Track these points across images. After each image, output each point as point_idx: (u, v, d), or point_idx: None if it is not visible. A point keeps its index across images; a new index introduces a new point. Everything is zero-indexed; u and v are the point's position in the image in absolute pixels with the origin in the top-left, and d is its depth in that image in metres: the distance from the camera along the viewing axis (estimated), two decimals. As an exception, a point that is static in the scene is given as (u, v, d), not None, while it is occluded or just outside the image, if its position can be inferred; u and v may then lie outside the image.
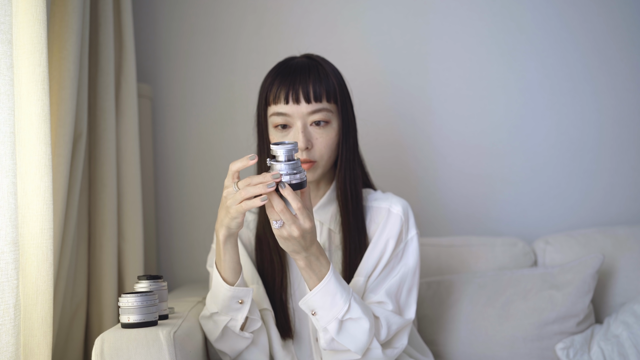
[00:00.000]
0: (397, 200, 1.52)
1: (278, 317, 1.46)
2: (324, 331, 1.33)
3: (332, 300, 1.31)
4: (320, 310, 1.32)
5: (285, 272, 1.47)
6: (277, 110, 1.43)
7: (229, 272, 1.34)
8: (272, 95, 1.44)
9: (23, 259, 1.28)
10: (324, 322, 1.32)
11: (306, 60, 1.47)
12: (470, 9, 2.19)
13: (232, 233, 1.31)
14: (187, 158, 2.18)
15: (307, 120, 1.42)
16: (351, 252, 1.47)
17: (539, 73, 2.19)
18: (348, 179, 1.48)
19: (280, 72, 1.45)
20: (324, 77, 1.44)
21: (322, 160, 1.44)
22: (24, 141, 1.30)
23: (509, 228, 2.18)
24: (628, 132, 2.19)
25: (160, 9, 2.18)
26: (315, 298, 1.31)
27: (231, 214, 1.26)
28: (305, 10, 2.19)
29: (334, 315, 1.31)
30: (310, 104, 1.41)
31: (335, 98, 1.45)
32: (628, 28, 2.18)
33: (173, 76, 2.19)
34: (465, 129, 2.19)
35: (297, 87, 1.41)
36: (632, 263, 1.87)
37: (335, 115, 1.45)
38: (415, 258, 1.49)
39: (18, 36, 1.29)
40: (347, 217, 1.47)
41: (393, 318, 1.40)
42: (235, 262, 1.34)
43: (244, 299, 1.35)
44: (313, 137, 1.43)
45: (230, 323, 1.37)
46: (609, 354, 1.60)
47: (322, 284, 1.31)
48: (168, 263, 2.18)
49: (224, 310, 1.36)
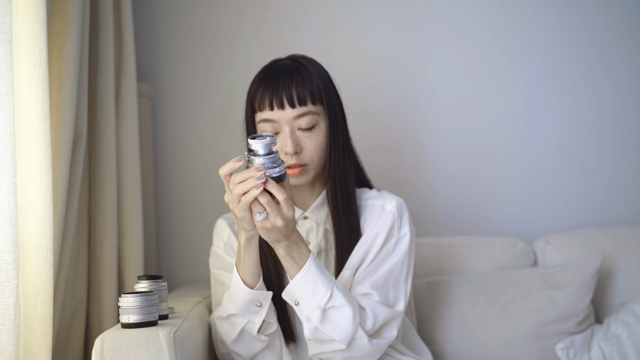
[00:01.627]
0: (392, 197, 1.52)
1: (280, 322, 1.46)
2: (307, 321, 1.33)
3: (314, 288, 1.31)
4: (303, 299, 1.32)
5: (281, 277, 1.47)
6: (263, 116, 1.43)
7: (249, 275, 1.34)
8: (257, 102, 1.44)
9: (23, 259, 1.28)
10: (307, 312, 1.32)
11: (289, 63, 1.46)
12: (470, 9, 2.19)
13: (250, 235, 1.31)
14: (187, 158, 2.18)
15: (294, 125, 1.42)
16: (343, 251, 1.46)
17: (540, 73, 2.19)
18: (338, 179, 1.47)
19: (265, 77, 1.45)
20: (307, 79, 1.43)
21: (313, 162, 1.44)
22: (24, 141, 1.30)
23: (509, 228, 2.18)
24: (629, 132, 2.19)
25: (160, 9, 2.18)
26: (296, 287, 1.31)
27: (238, 216, 1.26)
28: (305, 10, 2.19)
29: (317, 303, 1.31)
30: (295, 108, 1.41)
31: (321, 99, 1.44)
32: (629, 28, 2.18)
33: (173, 76, 2.19)
34: (465, 129, 2.19)
35: (281, 92, 1.41)
36: (632, 263, 1.87)
37: (322, 117, 1.45)
38: (405, 252, 1.47)
39: (18, 36, 1.29)
40: (339, 217, 1.47)
41: (380, 308, 1.39)
42: (255, 265, 1.34)
43: (262, 302, 1.36)
44: (301, 140, 1.43)
45: (248, 325, 1.37)
46: (609, 354, 1.60)
47: (303, 271, 1.30)
48: (168, 263, 2.18)
49: (242, 312, 1.36)
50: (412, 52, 2.19)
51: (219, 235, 1.56)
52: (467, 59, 2.20)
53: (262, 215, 1.23)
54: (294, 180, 1.44)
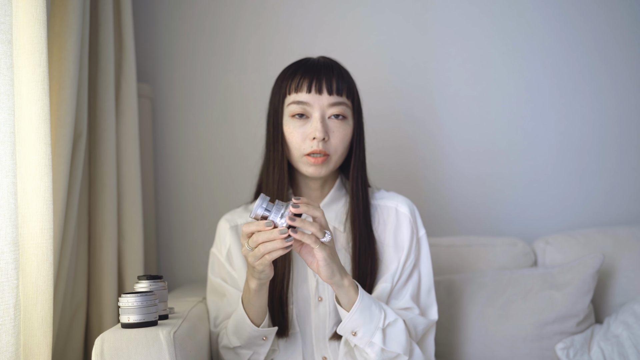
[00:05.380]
0: (403, 199, 1.54)
1: (276, 315, 1.46)
2: (370, 345, 1.34)
3: (370, 313, 1.33)
4: (362, 327, 1.33)
5: (290, 268, 1.47)
6: (297, 98, 1.44)
7: (256, 315, 1.38)
8: (294, 84, 1.45)
9: (23, 259, 1.28)
10: (368, 337, 1.34)
11: (326, 60, 1.50)
12: (472, 9, 2.19)
13: (263, 283, 1.33)
14: (187, 158, 2.18)
15: (326, 112, 1.44)
16: (360, 253, 1.47)
17: (541, 73, 2.19)
18: (360, 180, 1.49)
19: (302, 65, 1.48)
20: (345, 75, 1.48)
21: (336, 154, 1.46)
22: (24, 141, 1.30)
23: (509, 228, 2.18)
24: (630, 132, 2.19)
25: (160, 9, 2.18)
26: (354, 317, 1.32)
27: (257, 269, 1.27)
28: (307, 11, 2.19)
29: (376, 325, 1.33)
30: (332, 95, 1.43)
31: (353, 97, 1.48)
32: (630, 27, 2.19)
33: (173, 76, 2.19)
34: (466, 129, 2.19)
35: (322, 77, 1.44)
36: (632, 263, 1.87)
37: (351, 113, 1.47)
38: (428, 258, 1.52)
39: (18, 36, 1.29)
40: (358, 218, 1.48)
41: (418, 320, 1.43)
42: (264, 306, 1.37)
43: (267, 336, 1.40)
44: (330, 129, 1.44)
45: (253, 356, 1.42)
46: (609, 354, 1.60)
47: (359, 301, 1.32)
48: (168, 263, 2.18)
49: (248, 345, 1.40)
50: (414, 52, 2.19)
51: (221, 239, 1.56)
52: (468, 59, 2.20)
53: (327, 235, 1.24)
54: (314, 170, 1.45)
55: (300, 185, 1.54)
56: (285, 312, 1.46)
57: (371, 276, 1.46)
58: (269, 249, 1.21)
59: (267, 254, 1.22)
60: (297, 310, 1.48)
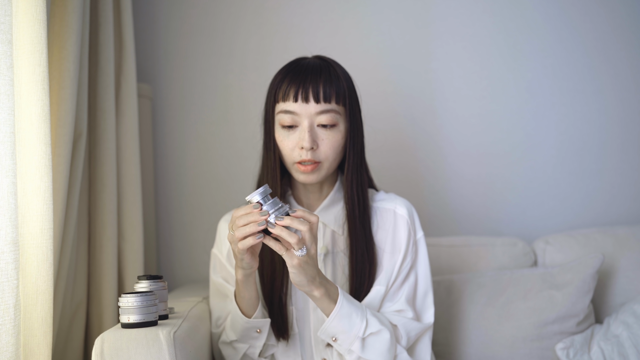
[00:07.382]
0: (401, 201, 1.53)
1: (275, 318, 1.46)
2: (349, 353, 1.35)
3: (350, 321, 1.33)
4: (341, 335, 1.34)
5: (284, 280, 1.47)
6: (285, 107, 1.42)
7: (247, 307, 1.40)
8: (281, 92, 1.43)
9: (23, 259, 1.28)
10: (346, 345, 1.34)
11: (318, 61, 1.47)
12: (473, 9, 2.19)
13: (247, 273, 1.34)
14: (187, 158, 2.18)
15: (315, 121, 1.42)
16: (357, 257, 1.46)
17: (542, 73, 2.19)
18: (355, 184, 1.48)
19: (292, 70, 1.45)
20: (335, 78, 1.44)
21: (327, 161, 1.44)
22: (24, 141, 1.30)
23: (509, 228, 2.18)
24: (630, 132, 2.19)
25: (160, 9, 2.18)
26: (333, 324, 1.33)
27: (237, 256, 1.29)
28: (307, 10, 2.19)
29: (355, 334, 1.33)
30: (319, 104, 1.41)
31: (345, 101, 1.44)
32: (631, 28, 2.18)
33: (173, 76, 2.19)
34: (466, 129, 2.19)
35: (308, 86, 1.41)
36: (632, 263, 1.87)
37: (343, 118, 1.45)
38: (426, 260, 1.50)
39: (18, 36, 1.29)
40: (354, 222, 1.47)
41: (411, 324, 1.42)
42: (253, 298, 1.39)
43: (261, 329, 1.41)
44: (319, 137, 1.42)
45: (249, 350, 1.43)
46: (609, 354, 1.60)
47: (337, 308, 1.32)
48: (168, 263, 2.18)
49: (243, 338, 1.42)
50: (414, 52, 2.19)
51: (221, 239, 1.56)
52: (468, 59, 2.20)
53: (302, 250, 1.24)
54: (305, 178, 1.44)
55: (298, 187, 1.53)
56: (285, 314, 1.46)
57: (369, 280, 1.46)
58: (244, 233, 1.22)
59: (242, 240, 1.24)
60: (296, 311, 1.48)
